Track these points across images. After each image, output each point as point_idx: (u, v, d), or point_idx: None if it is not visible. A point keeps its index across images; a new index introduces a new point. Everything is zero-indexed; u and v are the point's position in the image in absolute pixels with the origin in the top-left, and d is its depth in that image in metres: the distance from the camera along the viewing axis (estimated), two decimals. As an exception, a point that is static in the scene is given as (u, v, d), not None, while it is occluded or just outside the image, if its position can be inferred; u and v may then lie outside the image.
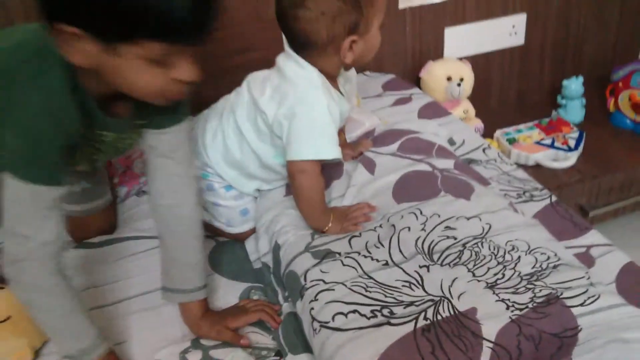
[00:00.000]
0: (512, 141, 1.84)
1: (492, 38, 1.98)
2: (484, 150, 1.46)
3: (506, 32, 1.98)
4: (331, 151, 1.08)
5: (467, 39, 1.95)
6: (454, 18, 1.90)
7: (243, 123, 1.16)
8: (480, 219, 1.06)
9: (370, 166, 1.25)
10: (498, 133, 1.89)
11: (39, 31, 0.83)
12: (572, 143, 1.83)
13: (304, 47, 1.08)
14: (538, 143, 1.83)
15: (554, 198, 1.27)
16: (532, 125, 1.91)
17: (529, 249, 0.99)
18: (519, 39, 2.01)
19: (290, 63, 1.10)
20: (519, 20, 1.98)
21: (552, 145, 1.82)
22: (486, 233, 1.03)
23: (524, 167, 1.78)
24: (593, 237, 1.17)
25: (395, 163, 1.24)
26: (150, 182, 1.05)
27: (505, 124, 1.94)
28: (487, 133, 1.92)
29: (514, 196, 1.28)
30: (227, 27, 1.62)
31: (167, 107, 0.92)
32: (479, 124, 1.91)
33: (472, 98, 1.94)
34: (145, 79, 0.81)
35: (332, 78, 1.13)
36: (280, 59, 1.13)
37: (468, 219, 1.07)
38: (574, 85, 1.95)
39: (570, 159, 1.79)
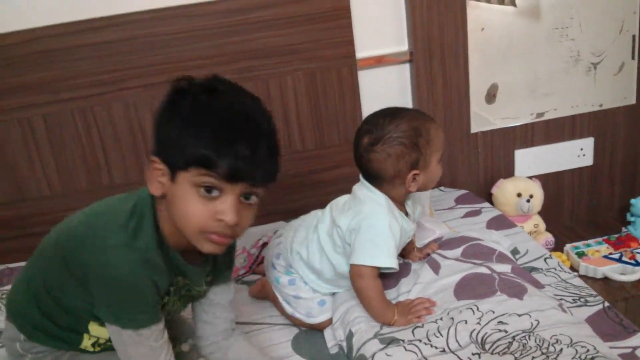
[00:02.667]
0: (581, 255, 1.95)
1: (561, 159, 2.15)
2: (545, 259, 1.60)
3: (574, 154, 2.15)
4: (386, 260, 1.30)
5: (537, 160, 2.13)
6: (523, 141, 2.11)
7: (324, 238, 1.40)
8: (530, 316, 1.21)
9: (435, 267, 1.43)
10: (567, 247, 2.00)
11: (129, 198, 1.01)
12: (639, 258, 1.92)
13: (375, 179, 1.34)
14: (606, 257, 1.93)
15: (606, 304, 1.39)
16: (601, 240, 2.02)
17: (571, 343, 1.12)
18: (587, 160, 2.17)
19: (363, 189, 1.36)
20: (586, 144, 2.15)
21: (619, 260, 1.91)
22: (534, 328, 1.18)
23: (592, 279, 1.89)
24: (639, 339, 1.27)
25: (458, 266, 1.42)
26: (207, 327, 1.21)
27: (576, 239, 2.06)
28: (558, 247, 2.04)
29: (570, 300, 1.41)
30: (321, 147, 1.93)
31: (225, 257, 1.13)
32: (549, 237, 2.05)
33: (544, 213, 2.09)
34: (191, 209, 0.93)
35: (398, 202, 1.38)
36: (356, 187, 1.40)
37: (519, 315, 1.22)
38: (643, 204, 2.06)
39: (637, 273, 1.86)
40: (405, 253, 1.54)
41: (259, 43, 1.81)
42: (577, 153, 2.15)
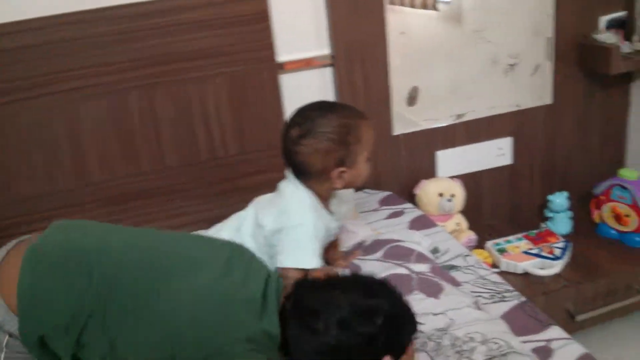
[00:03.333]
0: (501, 251, 2.01)
1: (481, 159, 2.21)
2: (464, 257, 1.63)
3: (494, 153, 2.21)
4: (312, 261, 1.29)
5: (458, 160, 2.18)
6: (444, 142, 2.15)
7: (247, 240, 1.37)
8: (446, 314, 1.23)
9: (356, 270, 1.44)
10: (489, 244, 2.06)
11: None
12: (557, 252, 1.99)
13: (302, 174, 1.33)
14: (526, 252, 2.00)
15: (523, 298, 1.43)
16: (521, 236, 2.09)
17: (484, 339, 1.15)
18: (506, 159, 2.24)
19: (289, 185, 1.35)
20: (505, 143, 2.21)
21: (538, 255, 1.98)
22: (449, 327, 1.20)
23: (513, 274, 1.95)
24: (554, 332, 1.31)
25: (377, 268, 1.43)
26: None
27: (497, 236, 2.12)
28: (480, 244, 2.09)
29: (487, 297, 1.44)
30: (244, 153, 1.90)
31: None
32: (472, 235, 2.09)
33: (466, 212, 2.14)
34: None
35: (324, 199, 1.37)
36: (282, 183, 1.38)
37: (435, 314, 1.24)
38: (559, 200, 2.14)
39: (555, 267, 1.94)
40: (331, 260, 1.54)
41: (176, 47, 1.77)
42: (497, 152, 2.21)
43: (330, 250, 1.50)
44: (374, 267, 1.44)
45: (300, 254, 1.28)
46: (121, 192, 1.85)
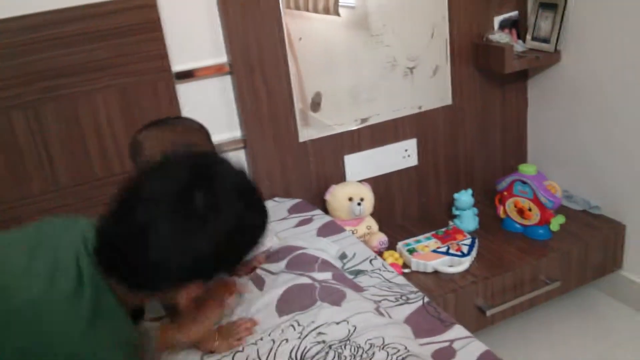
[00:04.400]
0: (412, 251, 2.02)
1: (388, 161, 2.22)
2: (370, 261, 1.63)
3: (400, 155, 2.23)
4: None
5: (365, 164, 2.18)
6: (351, 146, 2.15)
7: None
8: (348, 322, 1.21)
9: (259, 283, 1.40)
10: (399, 245, 2.07)
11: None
12: (465, 249, 2.02)
13: None
14: (435, 251, 2.02)
15: (426, 299, 1.43)
16: (430, 235, 2.11)
17: (383, 345, 1.13)
18: (412, 160, 2.26)
19: None
20: (410, 145, 2.24)
21: (447, 253, 2.01)
22: (350, 335, 1.18)
23: (424, 274, 1.97)
24: (456, 331, 1.31)
25: (281, 279, 1.39)
26: None
27: (409, 236, 2.14)
28: (392, 246, 2.10)
29: (392, 299, 1.43)
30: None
31: None
32: (383, 237, 2.10)
33: (377, 215, 2.15)
34: None
35: None
36: None
37: (337, 323, 1.21)
38: (464, 197, 2.18)
39: (463, 264, 1.97)
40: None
41: (63, 60, 1.68)
42: (403, 154, 2.24)
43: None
44: (277, 279, 1.40)
45: None
46: (12, 217, 1.73)
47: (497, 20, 2.25)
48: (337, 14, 1.99)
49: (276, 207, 2.00)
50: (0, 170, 1.70)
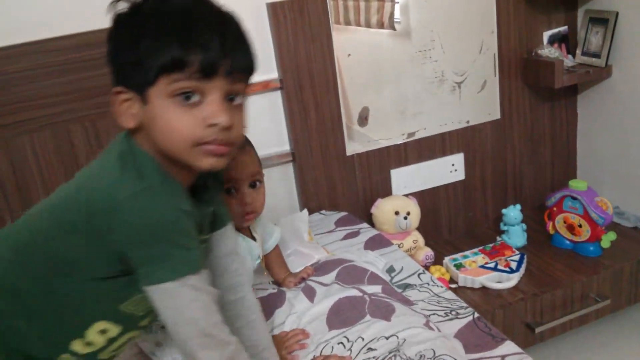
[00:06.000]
0: (459, 266, 2.02)
1: (434, 175, 2.23)
2: (419, 275, 1.63)
3: (447, 169, 2.23)
4: None
5: (411, 178, 2.19)
6: (397, 160, 2.16)
7: None
8: (397, 336, 1.22)
9: (310, 295, 1.42)
10: (446, 260, 2.07)
11: (109, 153, 0.92)
12: (513, 265, 2.00)
13: None
14: (482, 267, 2.01)
15: (476, 315, 1.43)
16: (477, 250, 2.10)
17: (433, 357, 1.14)
18: (459, 175, 2.26)
19: None
20: (457, 159, 2.24)
21: (495, 268, 2.00)
22: (400, 346, 1.19)
23: (471, 289, 1.96)
24: (507, 347, 1.30)
25: (331, 291, 1.41)
26: (219, 282, 1.10)
27: (454, 251, 2.13)
28: (438, 260, 2.10)
29: (442, 314, 1.44)
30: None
31: (215, 178, 1.04)
32: (429, 252, 2.10)
33: (422, 229, 2.15)
34: (176, 123, 0.85)
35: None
36: None
37: (387, 337, 1.23)
38: (512, 213, 2.17)
39: (512, 280, 1.95)
40: (280, 280, 1.52)
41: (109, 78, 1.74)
42: (449, 169, 2.24)
43: (279, 271, 1.50)
44: (327, 290, 1.42)
45: None
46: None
47: (546, 35, 2.24)
48: (393, 28, 2.02)
49: (323, 220, 2.02)
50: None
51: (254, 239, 1.38)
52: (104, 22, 0.86)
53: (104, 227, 0.86)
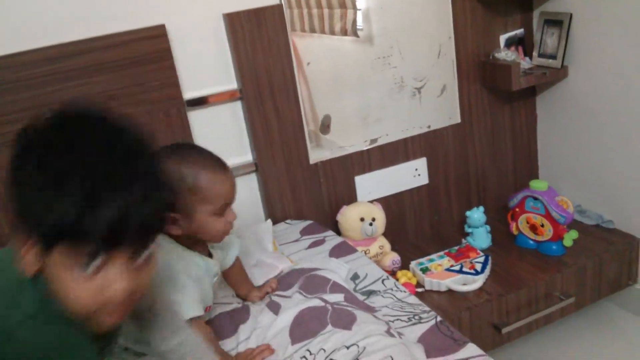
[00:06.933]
0: (425, 270, 2.03)
1: (398, 180, 2.24)
2: (382, 281, 1.64)
3: (410, 174, 2.25)
4: (190, 311, 1.22)
5: (376, 184, 2.20)
6: (361, 167, 2.17)
7: None
8: (358, 346, 1.22)
9: (275, 308, 1.42)
10: (412, 264, 2.07)
11: None
12: (478, 267, 2.02)
13: None
14: (448, 270, 2.02)
15: (439, 318, 1.44)
16: (443, 254, 2.11)
17: (394, 365, 1.14)
18: (423, 179, 2.28)
19: None
20: (420, 164, 2.25)
21: (460, 271, 2.01)
22: (359, 354, 1.19)
23: (438, 292, 1.97)
24: (470, 350, 1.31)
25: (294, 302, 1.41)
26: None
27: (421, 255, 2.14)
28: (405, 265, 2.11)
29: (405, 319, 1.44)
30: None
31: None
32: (395, 257, 2.10)
33: (389, 234, 2.16)
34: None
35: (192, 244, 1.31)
36: None
37: (348, 347, 1.22)
38: (476, 215, 2.19)
39: (477, 282, 1.96)
40: (244, 295, 1.51)
41: (77, 91, 1.72)
42: (413, 173, 2.25)
43: (241, 286, 1.48)
44: (290, 302, 1.42)
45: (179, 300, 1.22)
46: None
47: (502, 38, 2.28)
48: (356, 34, 2.03)
49: (288, 230, 2.01)
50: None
51: (210, 256, 1.36)
52: (63, 36, 0.83)
53: None
